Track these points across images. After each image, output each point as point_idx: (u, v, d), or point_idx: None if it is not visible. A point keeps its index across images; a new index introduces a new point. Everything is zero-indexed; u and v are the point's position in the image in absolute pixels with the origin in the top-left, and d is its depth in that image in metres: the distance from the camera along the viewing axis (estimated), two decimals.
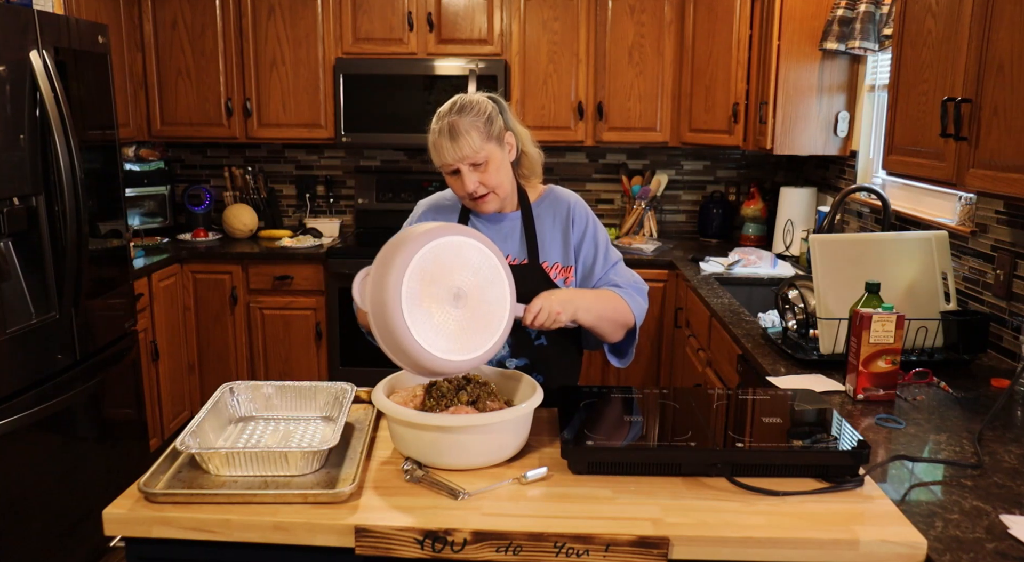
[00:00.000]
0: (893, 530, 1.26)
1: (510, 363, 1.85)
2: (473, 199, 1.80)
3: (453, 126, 1.73)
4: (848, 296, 2.06)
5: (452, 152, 1.74)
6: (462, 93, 1.84)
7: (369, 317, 1.44)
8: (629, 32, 3.96)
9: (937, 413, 1.80)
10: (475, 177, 1.76)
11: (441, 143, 1.74)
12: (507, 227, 1.89)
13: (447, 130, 1.74)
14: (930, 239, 2.23)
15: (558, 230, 1.89)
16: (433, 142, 1.76)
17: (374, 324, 1.43)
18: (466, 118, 1.74)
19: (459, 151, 1.73)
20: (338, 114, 4.01)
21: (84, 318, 2.77)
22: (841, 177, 3.64)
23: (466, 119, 1.74)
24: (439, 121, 1.76)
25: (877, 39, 3.01)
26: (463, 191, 1.78)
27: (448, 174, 1.79)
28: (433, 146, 1.76)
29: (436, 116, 1.78)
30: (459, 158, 1.74)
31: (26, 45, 2.50)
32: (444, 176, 1.81)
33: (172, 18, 4.02)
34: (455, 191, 1.82)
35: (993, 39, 1.77)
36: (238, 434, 1.60)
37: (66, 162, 2.59)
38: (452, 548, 1.27)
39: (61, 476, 2.66)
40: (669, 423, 1.61)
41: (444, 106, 1.79)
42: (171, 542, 1.32)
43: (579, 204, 1.94)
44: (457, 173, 1.76)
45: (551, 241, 1.89)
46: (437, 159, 1.77)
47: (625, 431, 1.53)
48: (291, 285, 3.92)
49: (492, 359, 1.77)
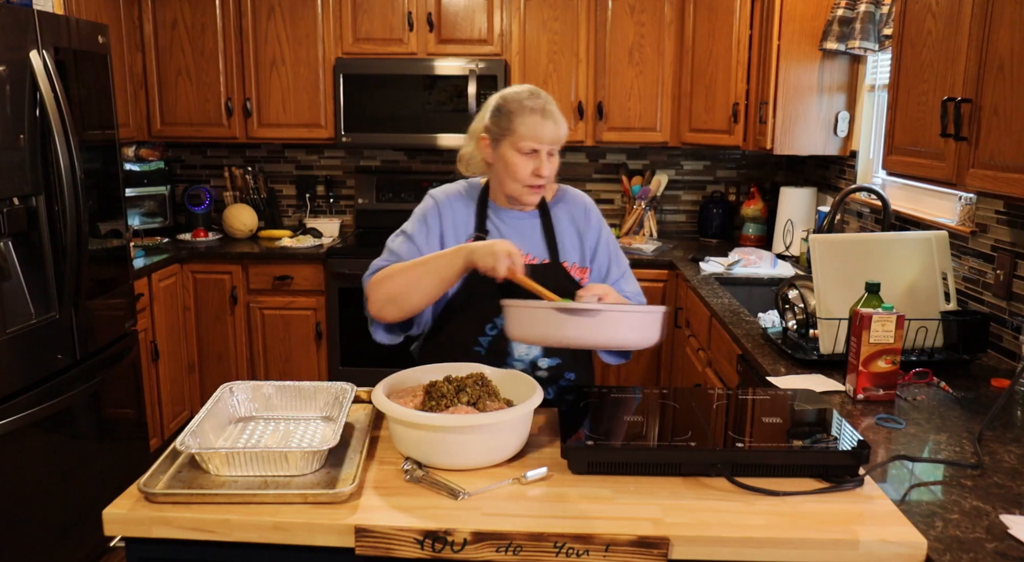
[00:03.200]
0: (893, 530, 1.26)
1: (543, 362, 1.86)
2: (530, 187, 1.78)
3: (547, 109, 1.74)
4: (848, 296, 2.06)
5: (552, 131, 1.73)
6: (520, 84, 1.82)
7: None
8: (629, 32, 3.96)
9: (937, 413, 1.80)
10: (549, 163, 1.76)
11: (537, 120, 1.73)
12: (526, 226, 1.88)
13: (543, 110, 1.73)
14: (930, 239, 2.23)
15: (574, 231, 1.90)
16: (523, 118, 1.73)
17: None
18: (553, 105, 1.76)
19: (556, 132, 1.74)
20: (338, 114, 4.01)
21: (84, 318, 2.77)
22: (841, 177, 3.64)
23: (554, 107, 1.76)
24: (531, 100, 1.75)
25: (877, 39, 3.01)
26: (527, 174, 1.76)
27: (523, 153, 1.76)
28: (524, 122, 1.73)
29: (511, 97, 1.77)
30: (555, 139, 1.74)
31: (26, 45, 2.50)
32: (511, 155, 1.76)
33: (172, 18, 4.02)
34: (519, 173, 1.77)
35: (993, 39, 1.77)
36: (238, 434, 1.60)
37: (66, 162, 2.59)
38: (452, 548, 1.27)
39: (61, 476, 2.66)
40: (669, 423, 1.61)
41: (515, 89, 1.78)
42: (171, 542, 1.32)
43: (594, 207, 1.94)
44: (533, 154, 1.75)
45: (569, 241, 1.89)
46: (530, 134, 1.73)
47: (625, 431, 1.53)
48: (291, 285, 3.92)
49: (525, 359, 1.81)
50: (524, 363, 1.85)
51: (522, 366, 1.84)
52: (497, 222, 1.87)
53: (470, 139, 1.91)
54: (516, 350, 1.84)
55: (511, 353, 1.84)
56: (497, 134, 1.79)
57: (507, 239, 1.81)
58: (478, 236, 1.84)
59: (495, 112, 1.80)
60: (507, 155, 1.78)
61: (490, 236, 1.85)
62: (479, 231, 1.85)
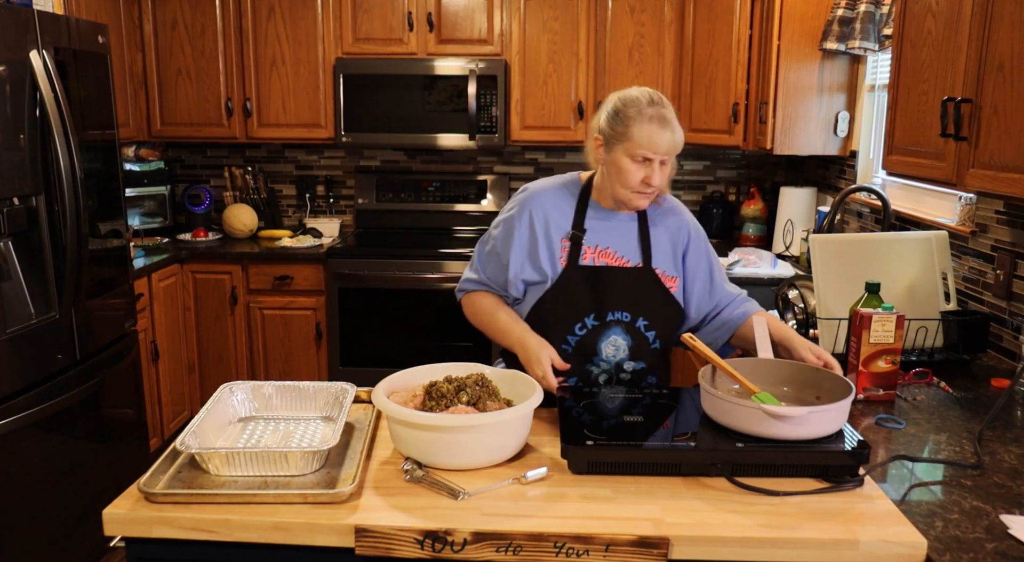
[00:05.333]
0: (893, 530, 1.26)
1: (628, 365, 1.86)
2: (639, 193, 1.77)
3: (666, 117, 1.71)
4: (848, 296, 2.06)
5: (668, 141, 1.71)
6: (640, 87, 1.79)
7: None
8: (629, 32, 3.96)
9: (937, 413, 1.80)
10: (661, 172, 1.75)
11: (654, 130, 1.70)
12: (624, 228, 1.87)
13: (661, 118, 1.71)
14: (930, 239, 2.23)
15: (668, 242, 1.89)
16: (641, 126, 1.70)
17: None
18: (671, 113, 1.74)
19: (674, 142, 1.72)
20: (338, 114, 4.01)
21: (84, 318, 2.77)
22: (841, 177, 3.64)
23: (672, 114, 1.74)
24: (651, 108, 1.71)
25: (877, 39, 3.01)
26: (637, 182, 1.74)
27: (635, 160, 1.73)
28: (641, 129, 1.70)
29: (630, 102, 1.73)
30: (670, 150, 1.72)
31: (26, 45, 2.50)
32: (623, 161, 1.74)
33: (172, 18, 4.02)
34: (629, 180, 1.75)
35: (993, 39, 1.77)
36: (238, 434, 1.60)
37: (66, 162, 2.59)
38: (452, 548, 1.27)
39: (61, 476, 2.66)
40: (669, 423, 1.61)
41: (636, 93, 1.75)
42: (171, 542, 1.33)
43: (695, 226, 1.93)
44: (646, 162, 1.73)
45: (661, 250, 1.88)
46: (646, 142, 1.70)
47: (625, 431, 1.53)
48: (291, 285, 3.92)
49: (611, 361, 1.84)
50: (610, 365, 1.86)
51: (608, 366, 1.86)
52: (596, 221, 1.86)
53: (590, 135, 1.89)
54: (604, 351, 1.85)
55: (599, 353, 1.85)
56: (611, 137, 1.76)
57: (603, 238, 1.84)
58: (575, 234, 1.83)
59: (612, 115, 1.76)
60: (619, 160, 1.75)
61: (588, 234, 1.84)
62: (576, 229, 1.84)
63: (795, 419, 1.42)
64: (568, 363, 1.78)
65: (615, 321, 1.84)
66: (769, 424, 1.42)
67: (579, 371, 1.85)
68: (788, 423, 1.42)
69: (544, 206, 1.86)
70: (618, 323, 1.84)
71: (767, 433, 1.43)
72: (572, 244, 1.83)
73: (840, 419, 1.47)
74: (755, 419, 1.43)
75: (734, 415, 1.46)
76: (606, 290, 1.82)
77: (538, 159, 4.42)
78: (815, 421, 1.43)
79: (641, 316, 1.84)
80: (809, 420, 1.42)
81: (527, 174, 4.43)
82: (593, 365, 1.85)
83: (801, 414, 1.42)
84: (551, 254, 1.84)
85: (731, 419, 1.47)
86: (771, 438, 1.43)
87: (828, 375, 1.60)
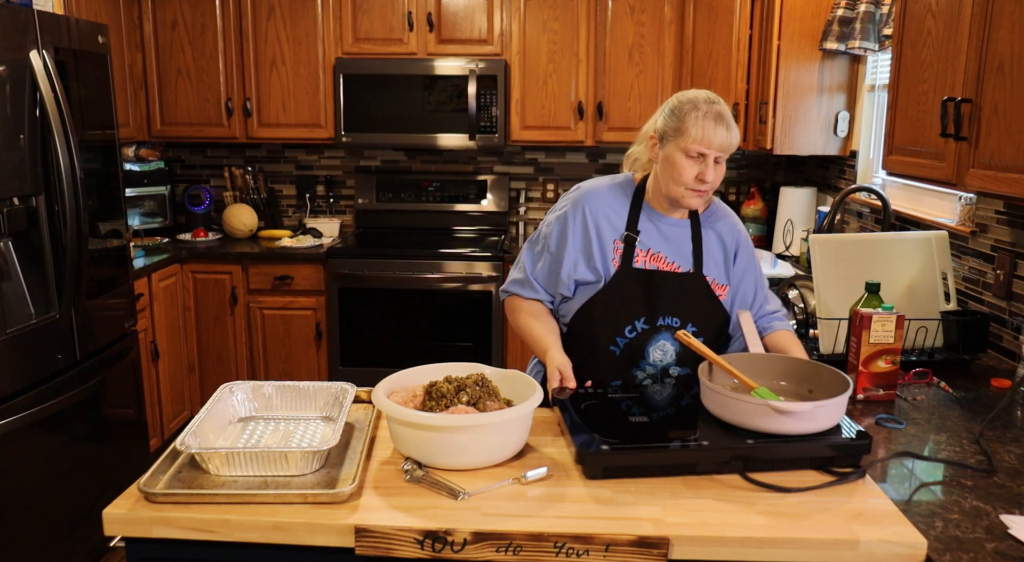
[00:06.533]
0: (893, 530, 1.26)
1: (674, 370, 1.86)
2: (692, 190, 1.75)
3: (722, 114, 1.71)
4: (848, 296, 2.06)
5: (723, 138, 1.70)
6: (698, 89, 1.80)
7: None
8: (629, 32, 3.96)
9: (937, 413, 1.80)
10: (715, 170, 1.74)
11: (710, 125, 1.69)
12: (676, 233, 1.86)
13: (716, 115, 1.70)
14: (930, 239, 2.23)
15: (720, 250, 1.88)
16: (697, 121, 1.70)
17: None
18: (727, 111, 1.73)
19: (729, 140, 1.71)
20: (338, 114, 4.01)
21: (84, 318, 2.77)
22: (841, 177, 3.64)
23: (728, 112, 1.73)
24: (707, 105, 1.71)
25: (877, 39, 3.01)
26: (691, 178, 1.73)
27: (689, 156, 1.72)
28: (697, 124, 1.69)
29: (687, 99, 1.74)
30: (725, 147, 1.71)
31: (26, 45, 2.50)
32: (677, 157, 1.73)
33: (172, 18, 4.02)
34: (683, 176, 1.73)
35: (993, 39, 1.77)
36: (238, 434, 1.60)
37: (66, 162, 2.59)
38: (452, 548, 1.27)
39: (61, 476, 2.66)
40: (674, 422, 1.61)
41: (693, 93, 1.75)
42: (171, 542, 1.32)
43: (745, 234, 1.93)
44: (700, 158, 1.72)
45: (712, 257, 1.87)
46: (700, 137, 1.69)
47: (635, 433, 1.52)
48: (291, 285, 3.92)
49: (658, 365, 1.85)
50: (656, 369, 1.85)
51: (654, 371, 1.85)
52: (648, 224, 1.85)
53: (640, 140, 1.89)
54: (651, 355, 1.84)
55: (646, 357, 1.84)
56: (667, 134, 1.75)
57: (655, 242, 1.83)
58: (629, 236, 1.82)
59: (669, 113, 1.76)
60: (673, 156, 1.74)
61: (641, 237, 1.83)
62: (631, 231, 1.83)
63: (803, 414, 1.44)
64: (615, 366, 1.80)
65: (665, 326, 1.83)
66: (776, 420, 1.44)
67: (625, 374, 1.84)
68: (796, 418, 1.44)
69: (598, 205, 1.84)
70: (668, 328, 1.83)
71: (773, 429, 1.45)
72: (626, 245, 1.82)
73: (841, 412, 1.50)
74: (762, 415, 1.45)
75: (742, 412, 1.47)
76: (658, 294, 1.81)
77: (538, 159, 4.42)
78: (821, 415, 1.45)
79: (691, 322, 1.83)
80: (816, 414, 1.45)
81: (527, 174, 4.43)
82: (639, 369, 1.84)
83: (807, 409, 1.44)
84: (603, 255, 1.82)
85: (739, 416, 1.48)
86: (775, 433, 1.45)
87: (823, 369, 1.62)
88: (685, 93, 1.78)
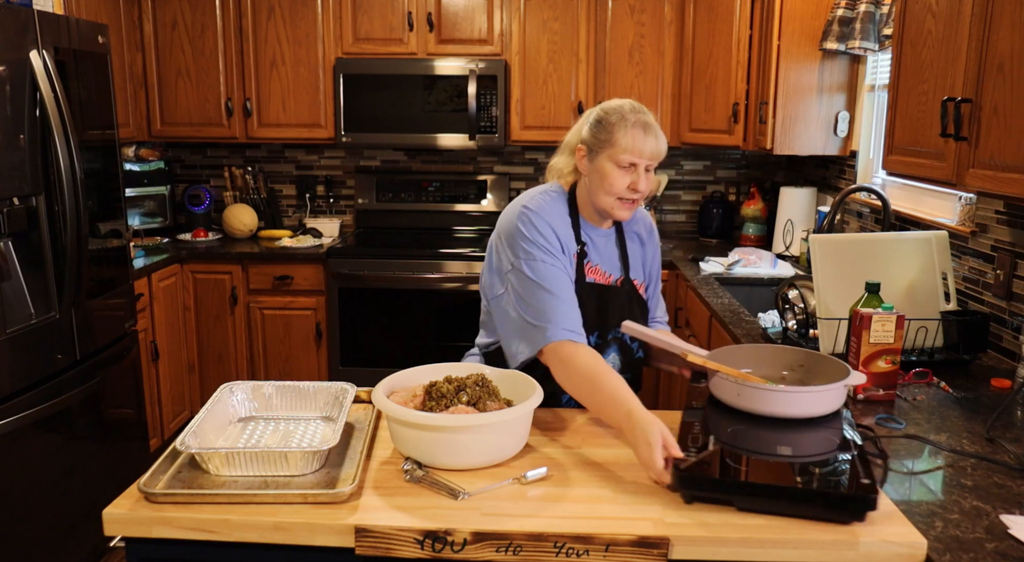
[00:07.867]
0: (893, 530, 1.26)
1: None
2: (622, 200, 1.76)
3: (648, 123, 1.73)
4: (848, 296, 2.05)
5: (653, 146, 1.72)
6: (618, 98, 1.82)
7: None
8: (629, 32, 3.96)
9: (937, 413, 1.80)
10: (646, 178, 1.75)
11: (639, 134, 1.71)
12: (607, 243, 1.88)
13: (644, 124, 1.72)
14: (930, 239, 2.23)
15: (638, 247, 1.90)
16: (625, 131, 1.71)
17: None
18: (653, 120, 1.75)
19: (658, 147, 1.73)
20: (338, 114, 4.01)
21: (84, 318, 2.77)
22: (841, 177, 3.64)
23: (653, 121, 1.75)
24: (633, 114, 1.73)
25: (877, 39, 3.01)
26: (623, 188, 1.74)
27: (620, 166, 1.72)
28: (625, 135, 1.71)
29: (612, 110, 1.75)
30: (655, 155, 1.73)
31: (26, 45, 2.50)
32: (608, 168, 1.73)
33: (172, 18, 4.02)
34: (614, 186, 1.73)
35: (993, 39, 1.77)
36: (238, 434, 1.60)
37: (66, 162, 2.59)
38: (452, 548, 1.27)
39: (61, 476, 2.66)
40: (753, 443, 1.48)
41: (617, 103, 1.76)
42: (171, 542, 1.33)
43: (654, 227, 1.95)
44: (631, 168, 1.73)
45: (636, 259, 1.89)
46: (631, 147, 1.70)
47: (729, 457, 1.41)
48: (291, 285, 3.92)
49: None
50: None
51: None
52: (586, 237, 1.85)
53: (563, 150, 1.88)
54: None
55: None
56: (595, 146, 1.76)
57: (593, 254, 1.83)
58: (581, 250, 1.82)
59: (595, 124, 1.77)
60: (604, 167, 1.74)
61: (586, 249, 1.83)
62: (579, 244, 1.83)
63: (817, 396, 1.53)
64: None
65: (614, 339, 1.85)
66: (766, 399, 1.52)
67: None
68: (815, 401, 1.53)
69: (555, 222, 1.79)
70: (615, 340, 1.86)
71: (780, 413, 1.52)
72: (578, 260, 1.82)
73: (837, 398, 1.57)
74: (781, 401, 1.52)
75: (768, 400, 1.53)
76: (608, 309, 1.82)
77: (538, 159, 4.42)
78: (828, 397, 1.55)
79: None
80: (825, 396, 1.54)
81: (527, 174, 4.43)
82: None
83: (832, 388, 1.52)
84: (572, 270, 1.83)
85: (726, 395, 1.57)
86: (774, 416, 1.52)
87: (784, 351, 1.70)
88: (609, 103, 1.79)
